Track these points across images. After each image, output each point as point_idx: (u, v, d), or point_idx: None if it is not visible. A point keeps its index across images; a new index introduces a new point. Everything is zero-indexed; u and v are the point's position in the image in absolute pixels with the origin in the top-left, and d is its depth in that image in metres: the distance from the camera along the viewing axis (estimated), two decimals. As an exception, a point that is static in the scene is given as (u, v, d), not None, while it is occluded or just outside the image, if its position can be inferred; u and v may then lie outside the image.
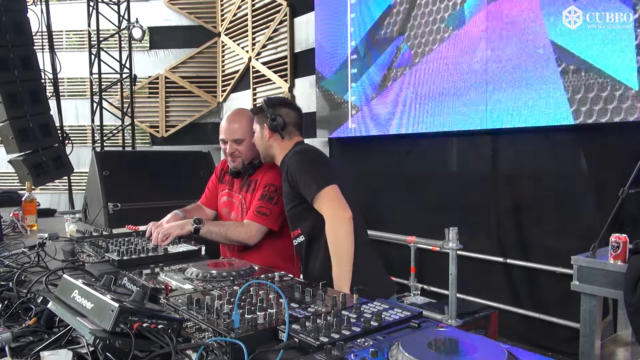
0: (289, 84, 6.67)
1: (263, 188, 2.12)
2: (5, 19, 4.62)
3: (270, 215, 2.07)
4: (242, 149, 2.16)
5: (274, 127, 1.96)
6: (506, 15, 3.69)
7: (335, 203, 1.75)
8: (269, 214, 2.07)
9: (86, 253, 1.82)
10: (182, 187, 3.49)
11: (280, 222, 2.11)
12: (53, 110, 5.31)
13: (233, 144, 2.16)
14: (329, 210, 1.75)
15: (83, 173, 6.50)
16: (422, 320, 1.08)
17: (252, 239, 2.07)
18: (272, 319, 1.06)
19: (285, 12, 6.63)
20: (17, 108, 4.72)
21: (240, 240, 2.06)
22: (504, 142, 3.88)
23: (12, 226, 2.82)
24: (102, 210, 3.27)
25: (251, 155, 2.17)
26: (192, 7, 8.44)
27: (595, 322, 2.46)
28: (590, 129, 3.28)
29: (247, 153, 2.17)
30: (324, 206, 1.75)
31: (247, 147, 2.15)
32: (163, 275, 1.46)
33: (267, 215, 2.07)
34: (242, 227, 2.07)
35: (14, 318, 1.29)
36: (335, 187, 1.77)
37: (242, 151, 2.16)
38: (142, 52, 8.40)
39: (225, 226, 2.10)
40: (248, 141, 2.14)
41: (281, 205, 2.06)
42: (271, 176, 2.14)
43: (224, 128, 2.18)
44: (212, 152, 4.26)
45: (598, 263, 2.41)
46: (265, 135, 1.98)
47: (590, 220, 3.25)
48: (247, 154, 2.17)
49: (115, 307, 0.93)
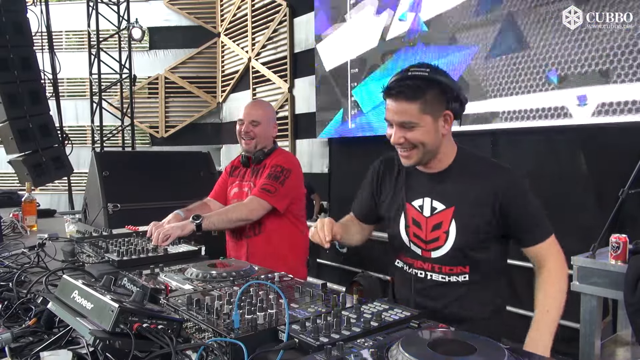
0: (288, 84, 6.67)
1: (270, 168, 2.19)
2: (5, 20, 4.62)
3: (275, 193, 2.09)
4: (258, 130, 2.25)
5: (457, 112, 1.47)
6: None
7: (562, 255, 1.51)
8: (273, 192, 2.09)
9: (86, 253, 1.82)
10: (181, 187, 3.49)
11: (285, 203, 2.14)
12: (53, 110, 5.32)
13: (249, 125, 2.26)
14: (558, 263, 1.50)
15: (83, 173, 6.49)
16: (422, 320, 1.08)
17: (253, 213, 2.09)
18: (272, 319, 1.06)
19: (285, 13, 6.64)
20: (17, 108, 4.72)
21: (242, 217, 2.08)
22: (504, 142, 3.88)
23: (12, 227, 2.82)
24: (101, 211, 3.27)
25: (264, 140, 2.28)
26: (191, 8, 8.44)
27: (595, 322, 2.46)
28: (590, 129, 3.29)
29: (261, 136, 2.27)
30: (555, 256, 1.49)
31: (262, 130, 2.26)
32: (163, 275, 1.46)
33: (272, 193, 2.09)
34: (242, 204, 2.10)
35: (14, 318, 1.28)
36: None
37: (257, 133, 2.26)
38: (142, 52, 8.40)
39: (226, 210, 2.14)
40: (263, 125, 2.26)
41: (287, 187, 2.12)
42: (280, 159, 2.22)
43: (246, 110, 2.31)
44: (211, 152, 4.26)
45: (598, 263, 2.41)
46: (442, 127, 1.45)
47: (590, 220, 3.25)
48: (261, 138, 2.27)
49: (115, 307, 0.93)
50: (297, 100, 6.65)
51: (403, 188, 1.57)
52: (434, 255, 1.51)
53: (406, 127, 1.42)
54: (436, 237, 1.50)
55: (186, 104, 8.53)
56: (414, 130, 1.42)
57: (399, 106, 1.41)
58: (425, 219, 1.52)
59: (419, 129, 1.41)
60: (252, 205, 2.09)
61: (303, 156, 6.62)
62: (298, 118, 6.67)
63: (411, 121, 1.40)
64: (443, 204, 1.49)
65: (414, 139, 1.43)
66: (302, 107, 6.56)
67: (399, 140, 1.44)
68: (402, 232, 1.57)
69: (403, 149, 1.47)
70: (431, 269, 1.53)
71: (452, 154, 1.52)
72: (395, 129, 1.45)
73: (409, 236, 1.55)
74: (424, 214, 1.52)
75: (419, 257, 1.54)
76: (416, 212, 1.54)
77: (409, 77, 1.40)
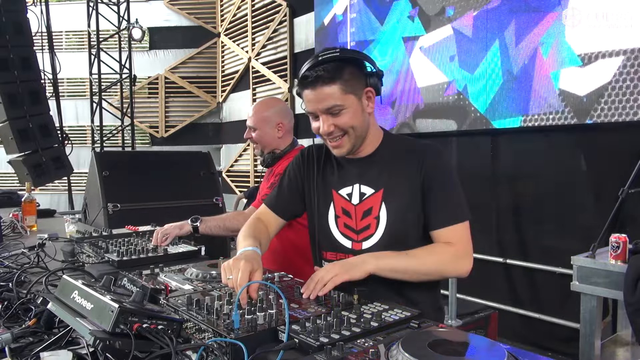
0: (288, 84, 6.67)
1: (274, 177, 2.13)
2: (5, 20, 4.63)
3: None
4: (256, 136, 2.21)
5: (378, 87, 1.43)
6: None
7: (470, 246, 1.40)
8: None
9: (86, 253, 1.82)
10: (181, 187, 3.49)
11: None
12: (53, 110, 5.32)
13: (250, 131, 2.23)
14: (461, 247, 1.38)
15: (83, 173, 6.50)
16: (422, 320, 1.08)
17: None
18: (272, 319, 1.06)
19: (285, 13, 6.63)
20: (17, 108, 4.72)
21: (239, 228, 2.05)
22: (504, 142, 3.88)
23: (12, 227, 2.82)
24: (101, 211, 3.27)
25: (268, 143, 2.21)
26: (191, 8, 8.44)
27: (595, 322, 2.46)
28: (590, 129, 3.28)
29: (261, 140, 2.21)
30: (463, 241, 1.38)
31: (260, 135, 2.20)
32: (163, 275, 1.46)
33: None
34: (241, 214, 2.08)
35: (14, 319, 1.28)
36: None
37: (256, 138, 2.21)
38: (142, 52, 8.40)
39: (224, 217, 2.12)
40: (260, 130, 2.19)
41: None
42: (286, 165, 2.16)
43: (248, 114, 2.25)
44: (211, 152, 4.26)
45: (598, 263, 2.41)
46: (367, 106, 1.43)
47: (590, 220, 3.25)
48: (263, 142, 2.21)
49: (115, 307, 0.93)
50: (297, 100, 6.64)
51: (331, 177, 1.52)
52: (366, 245, 1.44)
53: (333, 113, 1.37)
54: (367, 224, 1.44)
55: (186, 104, 8.54)
56: (341, 114, 1.37)
57: (319, 93, 1.36)
58: (354, 207, 1.46)
59: (346, 112, 1.37)
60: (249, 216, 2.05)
61: (303, 156, 6.61)
62: (298, 118, 6.66)
63: (336, 104, 1.36)
64: (372, 188, 1.45)
65: (343, 124, 1.38)
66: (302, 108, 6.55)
67: (330, 129, 1.39)
68: (332, 224, 1.50)
69: (333, 139, 1.41)
70: None
71: (379, 138, 1.50)
72: (322, 119, 1.39)
73: (339, 227, 1.49)
74: (352, 201, 1.47)
75: (349, 250, 1.46)
76: (344, 200, 1.48)
77: (320, 62, 1.35)
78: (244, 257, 1.28)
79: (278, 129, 2.19)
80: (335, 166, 1.54)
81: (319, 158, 1.57)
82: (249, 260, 1.25)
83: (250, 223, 1.60)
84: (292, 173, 1.63)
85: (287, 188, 1.62)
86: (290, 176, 1.63)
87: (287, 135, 2.24)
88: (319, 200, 1.53)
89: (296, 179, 1.61)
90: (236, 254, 1.37)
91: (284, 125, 2.20)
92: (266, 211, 1.64)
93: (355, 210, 1.46)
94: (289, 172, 1.64)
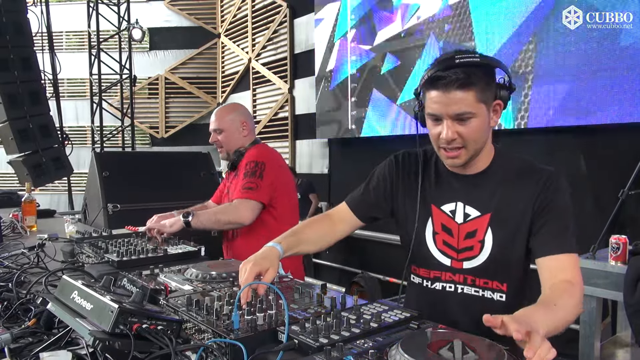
0: (288, 85, 6.68)
1: (244, 167, 2.16)
2: (6, 20, 4.63)
3: (257, 189, 2.06)
4: (222, 138, 2.28)
5: (506, 102, 1.31)
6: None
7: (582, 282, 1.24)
8: (255, 187, 2.07)
9: (86, 254, 1.82)
10: (182, 188, 3.49)
11: (269, 195, 2.09)
12: (53, 111, 5.32)
13: (215, 134, 2.30)
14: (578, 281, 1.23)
15: (83, 174, 6.50)
16: (421, 321, 1.08)
17: (243, 217, 2.05)
18: (271, 320, 1.06)
19: (285, 14, 6.64)
20: (17, 109, 4.72)
21: (231, 220, 2.05)
22: (504, 142, 3.87)
23: (12, 227, 2.82)
24: (101, 211, 3.26)
25: (234, 144, 2.29)
26: (192, 8, 8.45)
27: (595, 323, 2.46)
28: (590, 130, 3.29)
29: (227, 142, 2.29)
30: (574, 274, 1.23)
31: (226, 137, 2.28)
32: (162, 276, 1.46)
33: (254, 189, 2.06)
34: (231, 207, 2.08)
35: (14, 319, 1.28)
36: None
37: (222, 140, 2.29)
38: (142, 53, 8.41)
39: (215, 211, 2.12)
40: (227, 131, 2.28)
41: (268, 179, 2.07)
42: (252, 154, 2.20)
43: (211, 119, 2.34)
44: (211, 153, 4.25)
45: (598, 264, 2.41)
46: (492, 119, 1.30)
47: (589, 221, 3.24)
48: (229, 144, 2.29)
49: (115, 308, 0.93)
50: (297, 100, 6.65)
51: (431, 190, 1.40)
52: (467, 265, 1.33)
53: (462, 120, 1.23)
54: (470, 246, 1.33)
55: (186, 105, 8.54)
56: (469, 122, 1.23)
57: (452, 96, 1.21)
58: (458, 226, 1.35)
59: (474, 121, 1.23)
60: (240, 208, 2.04)
61: (303, 157, 6.63)
62: (298, 119, 6.67)
63: (468, 111, 1.22)
64: (478, 211, 1.33)
65: (468, 134, 1.24)
66: (302, 108, 6.56)
67: (453, 136, 1.24)
68: (429, 240, 1.39)
69: (451, 148, 1.27)
70: (463, 281, 1.34)
71: (490, 155, 1.37)
72: (446, 124, 1.24)
73: (437, 244, 1.37)
74: (456, 220, 1.35)
75: (448, 268, 1.36)
76: (447, 217, 1.36)
77: (458, 64, 1.21)
78: (256, 257, 1.26)
79: (243, 127, 2.30)
80: (434, 178, 1.41)
81: (416, 166, 1.44)
82: (259, 262, 1.23)
83: (313, 219, 1.52)
84: (381, 177, 1.50)
85: (373, 191, 1.49)
86: (380, 180, 1.50)
87: (251, 134, 2.33)
88: (419, 213, 1.41)
89: (385, 184, 1.48)
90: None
91: (247, 124, 2.31)
92: (345, 210, 1.52)
93: (458, 230, 1.35)
94: (378, 175, 1.51)
